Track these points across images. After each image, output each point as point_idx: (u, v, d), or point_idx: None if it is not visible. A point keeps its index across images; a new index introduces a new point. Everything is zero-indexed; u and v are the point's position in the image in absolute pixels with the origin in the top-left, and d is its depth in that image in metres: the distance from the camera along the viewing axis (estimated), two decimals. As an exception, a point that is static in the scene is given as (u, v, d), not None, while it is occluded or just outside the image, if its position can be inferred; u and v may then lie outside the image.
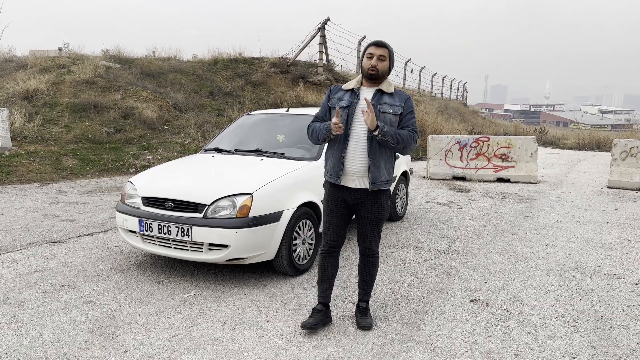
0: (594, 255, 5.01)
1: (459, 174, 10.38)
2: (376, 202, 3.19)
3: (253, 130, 5.63)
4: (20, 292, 3.83)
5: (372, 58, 3.10)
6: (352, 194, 3.18)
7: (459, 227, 6.15)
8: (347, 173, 3.15)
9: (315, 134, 3.21)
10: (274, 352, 2.97)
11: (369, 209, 3.20)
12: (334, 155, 3.19)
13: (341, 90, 3.25)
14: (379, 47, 3.11)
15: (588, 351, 3.04)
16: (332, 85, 3.29)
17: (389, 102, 3.14)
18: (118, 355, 2.92)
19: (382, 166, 3.14)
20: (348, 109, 3.14)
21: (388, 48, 3.13)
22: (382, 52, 3.10)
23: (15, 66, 14.47)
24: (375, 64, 3.09)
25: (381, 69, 3.11)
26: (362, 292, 3.42)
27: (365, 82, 3.21)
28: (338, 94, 3.24)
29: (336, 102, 3.21)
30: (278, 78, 16.60)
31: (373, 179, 3.11)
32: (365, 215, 3.22)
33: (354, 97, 3.17)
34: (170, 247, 4.03)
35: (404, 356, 2.95)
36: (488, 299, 3.84)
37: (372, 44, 3.15)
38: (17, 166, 8.98)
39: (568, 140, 21.06)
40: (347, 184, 3.17)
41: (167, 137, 11.83)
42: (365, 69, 3.13)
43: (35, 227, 5.71)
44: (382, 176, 3.14)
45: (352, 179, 3.16)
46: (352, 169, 3.13)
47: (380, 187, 3.15)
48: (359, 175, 3.14)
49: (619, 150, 9.55)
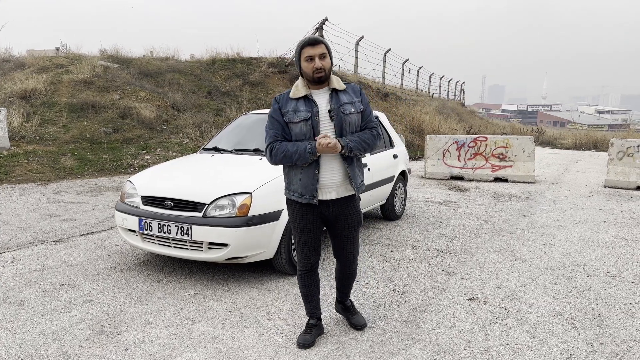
0: (591, 254, 5.04)
1: (457, 173, 10.41)
2: (353, 208, 3.03)
3: (252, 129, 5.63)
4: (20, 291, 3.84)
5: (313, 59, 2.79)
6: (331, 206, 2.96)
7: (457, 226, 6.18)
8: (323, 187, 2.90)
9: (288, 158, 2.83)
10: (274, 350, 2.99)
11: (347, 217, 3.01)
12: (303, 174, 2.87)
13: (291, 100, 2.89)
14: (317, 46, 2.80)
15: (585, 348, 3.07)
16: (276, 97, 2.95)
17: (347, 100, 2.90)
18: (119, 354, 2.93)
19: (357, 169, 2.99)
20: (311, 120, 2.83)
21: (324, 43, 2.84)
22: (321, 50, 2.80)
23: (13, 66, 14.45)
24: (320, 65, 2.79)
25: (327, 67, 2.83)
26: (343, 295, 3.31)
27: (312, 86, 2.89)
28: (290, 106, 2.87)
29: (292, 115, 2.85)
30: (276, 78, 16.61)
31: (357, 185, 2.97)
32: (343, 225, 3.03)
33: (311, 105, 2.85)
34: (169, 246, 4.04)
35: (403, 354, 2.97)
36: (486, 297, 3.86)
37: (306, 44, 2.81)
38: (15, 166, 8.98)
39: (565, 140, 21.14)
40: (324, 197, 2.93)
41: (165, 137, 11.83)
42: (311, 74, 2.82)
43: (34, 227, 5.72)
44: (358, 178, 2.99)
45: (329, 191, 2.93)
46: (329, 182, 2.90)
47: (363, 190, 3.05)
48: (337, 186, 2.93)
49: (616, 149, 9.60)
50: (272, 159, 2.93)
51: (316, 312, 3.17)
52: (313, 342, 3.07)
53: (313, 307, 3.16)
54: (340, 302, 3.37)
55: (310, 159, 2.80)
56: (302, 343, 3.03)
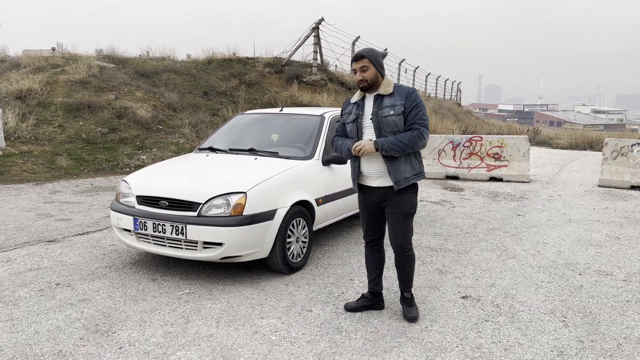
0: (584, 253, 5.08)
1: (452, 173, 10.45)
2: (401, 197, 3.28)
3: (247, 129, 5.66)
4: (16, 290, 3.85)
5: (356, 73, 3.25)
6: (377, 192, 3.33)
7: (451, 225, 6.21)
8: (366, 175, 3.35)
9: (339, 150, 3.43)
10: (267, 348, 3.01)
11: (395, 204, 3.29)
12: (351, 163, 3.43)
13: (350, 104, 3.42)
14: (358, 61, 3.22)
15: (576, 346, 3.10)
16: (345, 100, 3.53)
17: (389, 104, 3.21)
18: (113, 352, 2.95)
19: (401, 165, 3.22)
20: (356, 122, 3.32)
21: (366, 56, 3.21)
22: (362, 63, 3.21)
23: (9, 66, 14.42)
24: (361, 77, 3.22)
25: (369, 78, 3.22)
26: (401, 284, 3.51)
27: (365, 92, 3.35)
28: (347, 109, 3.42)
29: (346, 116, 3.40)
30: (272, 78, 16.63)
31: (395, 178, 3.22)
32: (391, 211, 3.32)
33: (359, 109, 3.33)
34: (164, 246, 4.06)
35: (395, 351, 3.00)
36: (479, 295, 3.90)
37: (352, 59, 3.28)
38: (11, 166, 8.97)
39: (561, 140, 21.20)
40: (369, 183, 3.35)
41: (161, 136, 11.83)
42: (357, 84, 3.28)
43: (30, 227, 5.72)
44: (404, 174, 3.22)
45: (372, 179, 3.33)
46: (370, 172, 3.32)
47: (405, 185, 3.23)
48: (380, 175, 3.29)
49: (610, 149, 9.65)
50: (333, 148, 3.56)
51: (372, 286, 3.57)
52: (356, 308, 3.52)
53: (370, 280, 3.58)
54: (401, 292, 3.54)
55: (347, 155, 3.36)
56: (347, 306, 3.54)
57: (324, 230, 5.59)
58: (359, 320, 3.41)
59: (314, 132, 5.07)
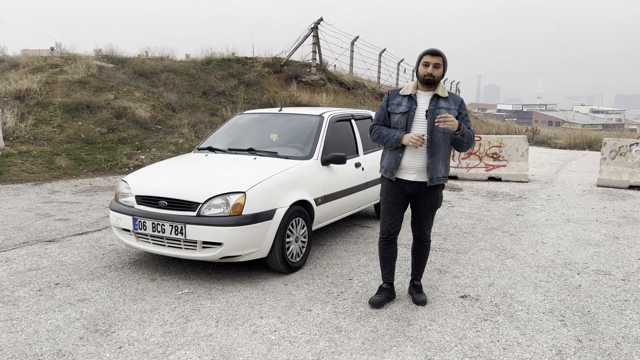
0: (582, 252, 5.09)
1: (451, 173, 10.45)
2: (433, 193, 3.53)
3: (246, 129, 5.66)
4: (15, 290, 3.86)
5: (428, 66, 3.35)
6: (412, 186, 3.50)
7: (450, 225, 6.22)
8: (404, 168, 3.47)
9: (381, 139, 3.51)
10: (267, 348, 3.02)
11: (427, 199, 3.54)
12: (390, 154, 3.51)
13: (399, 95, 3.51)
14: (435, 56, 3.36)
15: (574, 345, 3.11)
16: (390, 91, 3.64)
17: (445, 106, 3.40)
18: (113, 352, 2.95)
19: (439, 163, 3.44)
20: (407, 114, 3.42)
21: (442, 56, 3.38)
22: (437, 60, 3.36)
23: (7, 66, 14.39)
24: (432, 72, 3.35)
25: (437, 76, 3.37)
26: (415, 272, 3.80)
27: (421, 87, 3.46)
28: (396, 100, 3.50)
29: (395, 107, 3.48)
30: (271, 78, 16.62)
31: (431, 176, 3.42)
32: (422, 204, 3.57)
33: (412, 102, 3.44)
34: (164, 245, 4.06)
35: (394, 351, 3.00)
36: (478, 295, 3.91)
37: (427, 52, 3.38)
38: (10, 166, 8.96)
39: (560, 139, 21.21)
40: (406, 177, 3.49)
41: (161, 136, 11.83)
42: (422, 76, 3.39)
43: (29, 227, 5.72)
44: (439, 172, 3.45)
45: (410, 173, 3.47)
46: (411, 166, 3.45)
47: (438, 183, 3.47)
48: (417, 170, 3.45)
49: (608, 149, 9.67)
50: (370, 137, 3.62)
51: (388, 278, 3.73)
52: (382, 302, 3.62)
53: (387, 273, 3.73)
54: (412, 280, 3.82)
55: (395, 145, 3.42)
56: (373, 302, 3.62)
57: (323, 230, 5.60)
58: (358, 320, 3.42)
59: (313, 131, 5.08)
